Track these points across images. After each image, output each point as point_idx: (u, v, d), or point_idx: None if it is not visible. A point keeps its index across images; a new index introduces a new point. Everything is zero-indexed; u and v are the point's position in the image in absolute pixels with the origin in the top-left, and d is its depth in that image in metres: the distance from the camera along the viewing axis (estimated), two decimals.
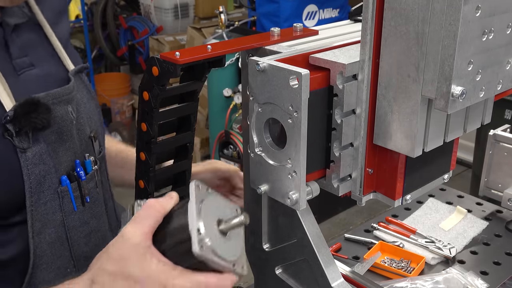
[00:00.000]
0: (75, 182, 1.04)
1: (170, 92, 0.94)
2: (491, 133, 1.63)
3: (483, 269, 1.45)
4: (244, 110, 0.95)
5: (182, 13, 5.37)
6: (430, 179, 0.96)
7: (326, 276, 0.90)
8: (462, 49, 0.70)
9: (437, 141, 0.86)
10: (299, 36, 0.98)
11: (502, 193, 1.60)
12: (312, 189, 0.88)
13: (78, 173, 1.05)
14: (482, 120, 0.94)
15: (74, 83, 1.07)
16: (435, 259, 1.49)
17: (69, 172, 1.04)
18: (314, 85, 0.80)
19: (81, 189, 1.05)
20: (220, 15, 3.85)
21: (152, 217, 0.77)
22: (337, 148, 0.86)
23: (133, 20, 5.50)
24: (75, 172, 1.05)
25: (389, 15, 0.77)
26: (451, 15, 0.69)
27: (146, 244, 0.75)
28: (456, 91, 0.72)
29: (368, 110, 0.84)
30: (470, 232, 1.62)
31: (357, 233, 1.63)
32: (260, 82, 0.82)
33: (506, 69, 0.80)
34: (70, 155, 1.05)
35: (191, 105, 0.99)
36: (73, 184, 1.04)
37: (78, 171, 1.05)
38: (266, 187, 0.88)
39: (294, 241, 0.95)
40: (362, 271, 1.41)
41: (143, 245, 0.74)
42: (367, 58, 0.81)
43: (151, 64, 0.89)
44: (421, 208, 1.74)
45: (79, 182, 1.05)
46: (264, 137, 0.86)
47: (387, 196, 0.91)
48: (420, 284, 1.35)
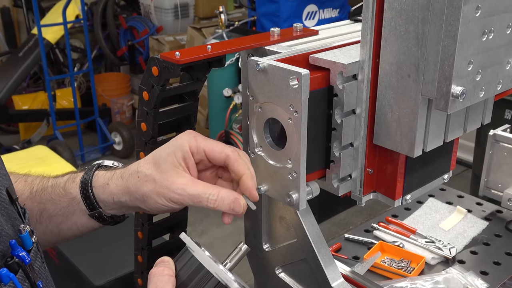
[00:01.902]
0: (20, 271, 0.73)
1: (170, 92, 0.94)
2: (491, 133, 1.63)
3: (483, 269, 1.45)
4: (244, 110, 0.95)
5: (182, 13, 5.37)
6: (430, 179, 0.96)
7: (326, 276, 0.90)
8: (462, 49, 0.70)
9: (437, 141, 0.86)
10: (299, 36, 0.98)
11: (502, 193, 1.60)
12: (312, 189, 0.88)
13: (19, 256, 0.74)
14: (482, 120, 0.94)
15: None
16: (435, 259, 1.49)
17: (6, 260, 0.72)
18: (314, 85, 0.80)
19: (29, 276, 0.75)
20: (220, 15, 3.85)
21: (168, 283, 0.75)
22: (337, 148, 0.86)
23: (133, 20, 5.50)
24: (15, 257, 0.73)
25: (389, 15, 0.76)
26: (451, 15, 0.69)
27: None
28: (456, 91, 0.72)
29: (368, 110, 0.84)
30: (470, 232, 1.62)
31: (357, 233, 1.63)
32: (260, 82, 0.82)
33: (506, 69, 0.80)
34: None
35: (191, 105, 0.99)
36: (19, 274, 0.73)
37: (18, 254, 0.73)
38: (266, 187, 0.88)
39: (294, 241, 0.95)
40: (362, 271, 1.41)
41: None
42: (367, 58, 0.81)
43: (151, 64, 0.89)
44: (421, 208, 1.75)
45: (24, 268, 0.74)
46: (264, 137, 0.86)
47: (387, 196, 0.91)
48: (420, 284, 1.35)
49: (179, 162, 0.83)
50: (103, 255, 2.15)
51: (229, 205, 0.82)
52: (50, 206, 0.93)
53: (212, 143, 0.84)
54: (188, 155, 0.83)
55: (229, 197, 0.82)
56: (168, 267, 0.78)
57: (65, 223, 0.94)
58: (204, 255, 0.76)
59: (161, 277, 0.76)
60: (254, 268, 1.09)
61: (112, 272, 2.02)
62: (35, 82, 5.58)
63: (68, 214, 0.92)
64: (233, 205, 0.82)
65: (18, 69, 4.62)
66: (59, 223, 0.94)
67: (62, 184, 0.93)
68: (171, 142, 0.86)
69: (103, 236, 2.26)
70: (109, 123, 4.99)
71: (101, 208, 0.90)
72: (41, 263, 0.81)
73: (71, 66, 4.42)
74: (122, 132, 4.73)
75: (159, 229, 1.08)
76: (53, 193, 0.93)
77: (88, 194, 0.89)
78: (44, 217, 0.94)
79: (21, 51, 4.69)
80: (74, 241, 2.30)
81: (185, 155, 0.83)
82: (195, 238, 0.85)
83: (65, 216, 0.93)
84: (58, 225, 0.94)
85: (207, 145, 0.84)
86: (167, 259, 0.79)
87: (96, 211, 0.90)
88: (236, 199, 0.82)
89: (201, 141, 0.84)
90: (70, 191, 0.91)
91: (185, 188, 0.82)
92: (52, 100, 4.40)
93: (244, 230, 1.07)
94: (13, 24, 5.92)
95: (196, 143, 0.84)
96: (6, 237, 0.73)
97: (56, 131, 4.42)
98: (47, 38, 4.54)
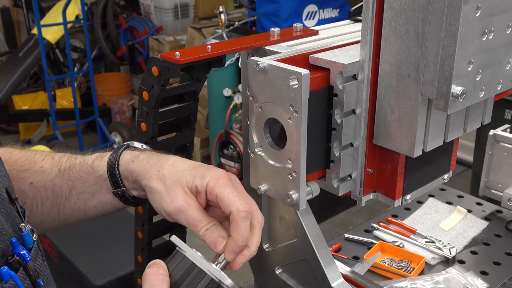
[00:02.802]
0: (20, 269, 0.74)
1: (170, 92, 0.94)
2: (491, 133, 1.63)
3: (483, 269, 1.45)
4: (244, 110, 0.95)
5: (182, 13, 5.37)
6: (430, 179, 0.96)
7: (326, 276, 0.91)
8: (462, 49, 0.70)
9: (437, 141, 0.86)
10: (299, 36, 0.98)
11: (502, 193, 1.59)
12: (312, 189, 0.88)
13: (20, 254, 0.74)
14: (482, 120, 0.94)
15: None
16: (435, 259, 1.49)
17: (6, 258, 0.73)
18: (314, 85, 0.80)
19: (29, 275, 0.76)
20: (220, 15, 3.85)
21: (163, 282, 0.75)
22: (337, 148, 0.86)
23: (133, 20, 5.50)
24: (16, 255, 0.73)
25: (389, 15, 0.77)
26: (451, 15, 0.69)
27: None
28: (456, 91, 0.72)
29: (368, 110, 0.84)
30: (470, 232, 1.62)
31: (357, 233, 1.63)
32: (260, 82, 0.82)
33: (506, 69, 0.80)
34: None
35: (191, 105, 0.99)
36: (19, 272, 0.74)
37: (18, 253, 0.74)
38: (266, 187, 0.88)
39: (294, 241, 0.95)
40: (362, 271, 1.41)
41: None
42: (367, 58, 0.81)
43: (151, 64, 0.89)
44: (421, 208, 1.74)
45: (24, 266, 0.75)
46: (264, 137, 0.86)
47: (387, 196, 0.91)
48: (420, 284, 1.35)
49: (191, 190, 0.83)
50: (103, 255, 2.15)
51: (215, 238, 0.80)
52: (78, 184, 0.95)
53: (228, 192, 0.81)
54: (202, 190, 0.83)
55: (218, 232, 0.81)
56: (161, 267, 0.78)
57: (92, 201, 0.96)
58: (196, 255, 0.76)
59: (156, 276, 0.76)
60: (254, 268, 1.09)
61: (112, 272, 2.02)
62: (35, 82, 5.58)
63: (95, 191, 0.94)
64: (216, 241, 0.80)
65: (18, 69, 4.62)
66: (86, 200, 0.96)
67: (90, 162, 0.95)
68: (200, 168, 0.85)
69: (103, 236, 2.26)
70: (109, 123, 4.99)
71: (125, 187, 0.91)
72: (42, 261, 0.81)
73: (71, 66, 4.41)
74: (122, 132, 4.73)
75: (159, 229, 1.08)
76: (81, 170, 0.94)
77: (114, 172, 0.90)
78: (73, 195, 0.96)
79: (21, 51, 4.69)
80: (74, 241, 2.31)
81: (200, 189, 0.83)
82: (195, 239, 0.86)
83: (92, 194, 0.95)
84: (85, 203, 0.96)
85: (222, 192, 0.81)
86: (158, 261, 0.79)
87: (120, 189, 0.91)
88: (223, 237, 0.81)
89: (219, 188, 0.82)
90: (98, 168, 0.93)
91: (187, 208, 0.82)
92: (52, 100, 4.39)
93: None
94: (13, 24, 5.92)
95: (213, 186, 0.82)
96: (6, 235, 0.74)
97: (56, 131, 4.41)
98: (47, 38, 4.54)
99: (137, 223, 1.07)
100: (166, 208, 0.83)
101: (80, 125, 4.57)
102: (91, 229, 2.23)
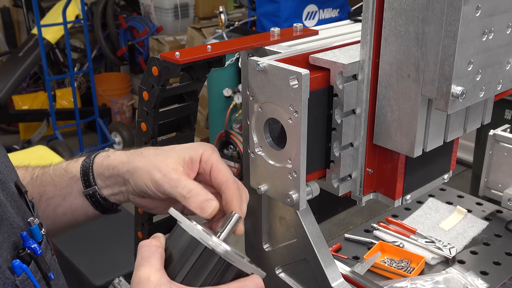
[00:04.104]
0: (32, 262, 0.74)
1: (170, 92, 0.94)
2: (491, 133, 1.63)
3: (483, 269, 1.45)
4: (244, 110, 0.95)
5: (182, 13, 5.37)
6: (430, 179, 0.96)
7: (326, 276, 0.90)
8: (462, 49, 0.70)
9: (437, 141, 0.86)
10: (299, 36, 0.98)
11: (502, 193, 1.59)
12: (312, 189, 0.88)
13: (31, 248, 0.74)
14: (482, 120, 0.94)
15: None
16: (435, 259, 1.49)
17: (18, 252, 0.73)
18: (314, 85, 0.80)
19: (41, 268, 0.75)
20: (220, 15, 3.86)
21: (155, 253, 0.74)
22: (337, 148, 0.86)
23: (133, 20, 5.50)
24: (27, 249, 0.73)
25: (389, 15, 0.77)
26: (451, 15, 0.69)
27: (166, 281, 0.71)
28: (456, 91, 0.72)
29: (368, 110, 0.84)
30: (470, 232, 1.62)
31: (357, 233, 1.63)
32: (260, 82, 0.82)
33: (506, 69, 0.80)
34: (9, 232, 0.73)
35: (191, 105, 0.99)
36: (31, 266, 0.73)
37: (30, 246, 0.74)
38: (266, 187, 0.88)
39: (294, 241, 0.95)
40: (362, 271, 1.41)
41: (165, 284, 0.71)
42: (367, 58, 0.81)
43: (151, 64, 0.89)
44: (421, 208, 1.74)
45: (36, 260, 0.75)
46: (264, 137, 0.86)
47: (387, 196, 0.91)
48: (420, 284, 1.35)
49: (183, 160, 0.83)
50: (103, 255, 2.15)
51: (201, 202, 0.78)
52: (50, 188, 0.94)
53: (223, 166, 0.83)
54: (197, 159, 0.82)
55: (204, 195, 0.79)
56: (156, 239, 0.76)
57: (61, 206, 0.94)
58: (190, 224, 0.73)
59: (148, 248, 0.74)
60: None
61: (112, 272, 2.02)
62: (35, 82, 5.58)
63: (66, 194, 0.93)
64: (203, 204, 0.78)
65: (18, 69, 4.62)
66: (55, 206, 0.94)
67: (65, 165, 0.95)
68: (189, 144, 0.86)
69: (103, 236, 2.26)
70: (109, 123, 4.99)
71: (97, 185, 0.90)
72: (51, 255, 0.81)
73: (71, 66, 4.41)
74: (122, 132, 4.73)
75: (159, 229, 1.08)
76: (54, 174, 0.94)
77: (87, 171, 0.90)
78: (42, 200, 0.94)
79: (21, 51, 4.69)
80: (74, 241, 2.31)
81: (194, 158, 0.82)
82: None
83: (63, 197, 0.93)
84: (54, 209, 0.94)
85: (217, 163, 0.82)
86: (159, 234, 0.78)
87: (91, 188, 0.90)
88: (210, 200, 0.78)
89: (215, 157, 0.83)
90: (71, 170, 0.92)
91: (170, 172, 0.81)
92: (52, 100, 4.39)
93: (244, 230, 1.07)
94: (13, 24, 5.92)
95: (209, 155, 0.83)
96: (18, 229, 0.74)
97: (56, 131, 4.41)
98: (47, 38, 4.54)
99: (137, 223, 1.07)
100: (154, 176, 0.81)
101: (80, 125, 4.57)
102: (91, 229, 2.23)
